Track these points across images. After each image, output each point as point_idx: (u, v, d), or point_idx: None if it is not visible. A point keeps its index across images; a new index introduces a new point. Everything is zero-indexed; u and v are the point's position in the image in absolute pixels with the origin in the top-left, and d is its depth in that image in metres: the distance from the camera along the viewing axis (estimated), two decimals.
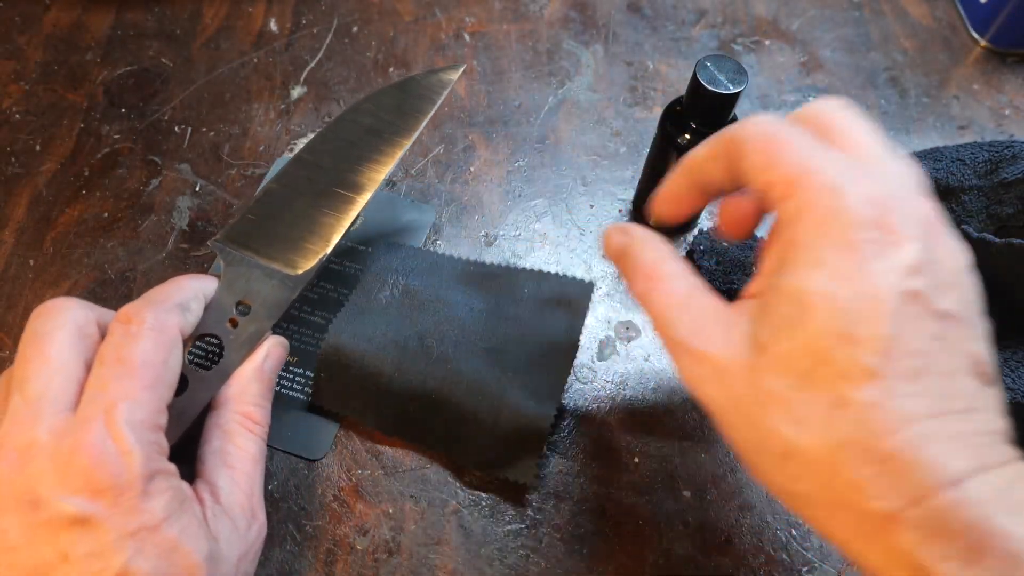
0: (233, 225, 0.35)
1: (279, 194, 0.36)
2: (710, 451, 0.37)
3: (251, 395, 0.31)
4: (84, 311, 0.28)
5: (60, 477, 0.24)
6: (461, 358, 0.35)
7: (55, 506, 0.24)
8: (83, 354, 0.27)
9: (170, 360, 0.28)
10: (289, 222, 0.35)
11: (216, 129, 0.46)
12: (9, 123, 0.46)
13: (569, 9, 0.53)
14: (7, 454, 0.25)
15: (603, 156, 0.46)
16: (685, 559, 0.34)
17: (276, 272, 0.33)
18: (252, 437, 0.31)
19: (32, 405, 0.25)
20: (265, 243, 0.34)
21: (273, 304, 0.33)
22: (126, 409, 0.25)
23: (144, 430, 0.26)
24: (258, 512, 0.30)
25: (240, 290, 0.33)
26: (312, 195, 0.36)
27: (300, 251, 0.34)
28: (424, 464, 0.36)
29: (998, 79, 0.50)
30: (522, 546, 0.34)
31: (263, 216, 0.35)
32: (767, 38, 0.52)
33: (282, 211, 0.35)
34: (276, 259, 0.34)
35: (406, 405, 0.35)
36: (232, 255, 0.34)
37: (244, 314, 0.33)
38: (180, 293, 0.31)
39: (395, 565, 0.34)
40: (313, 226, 0.35)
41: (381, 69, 0.49)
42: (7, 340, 0.39)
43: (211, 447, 0.30)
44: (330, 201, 0.36)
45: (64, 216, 0.43)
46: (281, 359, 0.33)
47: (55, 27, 0.50)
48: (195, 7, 0.51)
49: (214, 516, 0.28)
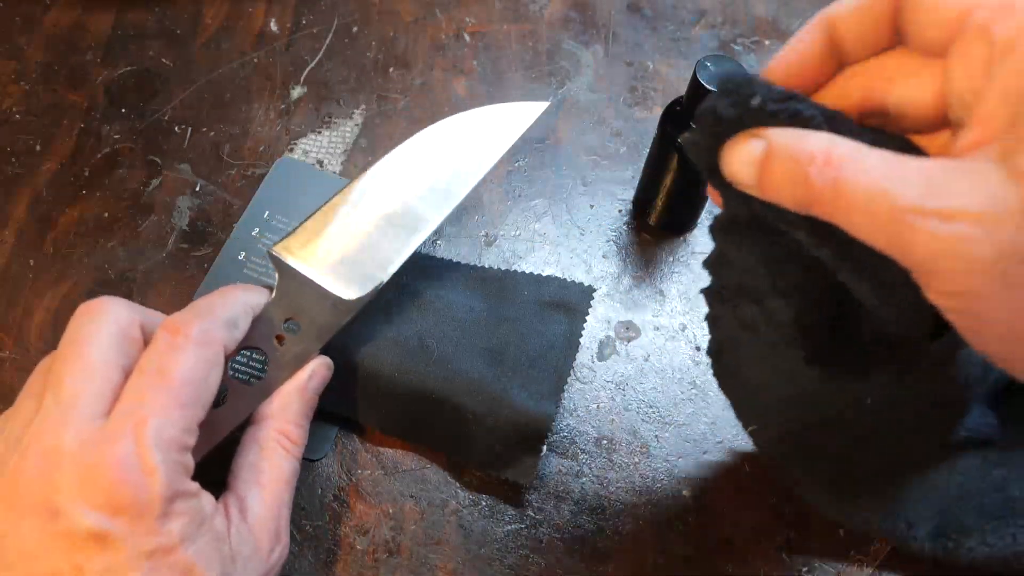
0: (292, 235, 0.33)
1: (344, 212, 0.34)
2: (710, 451, 0.37)
3: (292, 413, 0.31)
4: (128, 312, 0.28)
5: (82, 489, 0.24)
6: (461, 358, 0.35)
7: (74, 519, 0.23)
8: (122, 358, 0.27)
9: (210, 378, 0.27)
10: (350, 243, 0.33)
11: (216, 129, 0.46)
12: (9, 123, 0.46)
13: (569, 9, 0.53)
14: (33, 456, 0.24)
15: (603, 156, 0.46)
16: (685, 559, 0.34)
17: (330, 294, 0.32)
18: (287, 456, 0.30)
19: (64, 408, 0.25)
20: (323, 261, 0.33)
21: (323, 326, 0.32)
22: (157, 426, 0.25)
23: (171, 450, 0.25)
24: (283, 534, 0.29)
25: (291, 306, 0.32)
26: (377, 219, 0.34)
27: (358, 276, 0.33)
28: (424, 464, 0.36)
29: None
30: (522, 546, 0.34)
31: (324, 231, 0.34)
32: (767, 38, 0.52)
33: (345, 230, 0.34)
34: (333, 280, 0.32)
35: (406, 405, 0.35)
36: (288, 269, 0.32)
37: (292, 332, 0.32)
38: (230, 307, 0.30)
39: (395, 565, 0.34)
40: (374, 252, 0.34)
41: (381, 69, 0.49)
42: (7, 340, 0.39)
43: (246, 460, 0.30)
44: (394, 229, 0.34)
45: (64, 216, 0.43)
46: (325, 380, 0.33)
47: (55, 27, 0.50)
48: (195, 7, 0.51)
49: (238, 533, 0.27)
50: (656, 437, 0.37)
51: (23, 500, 0.24)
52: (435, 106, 0.48)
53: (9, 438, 0.26)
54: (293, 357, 0.32)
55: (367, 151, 0.46)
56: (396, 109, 0.48)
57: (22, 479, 0.24)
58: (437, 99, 0.48)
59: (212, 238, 0.42)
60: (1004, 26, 0.19)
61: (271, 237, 0.41)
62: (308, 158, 0.45)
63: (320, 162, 0.45)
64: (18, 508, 0.24)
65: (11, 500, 0.24)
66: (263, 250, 0.41)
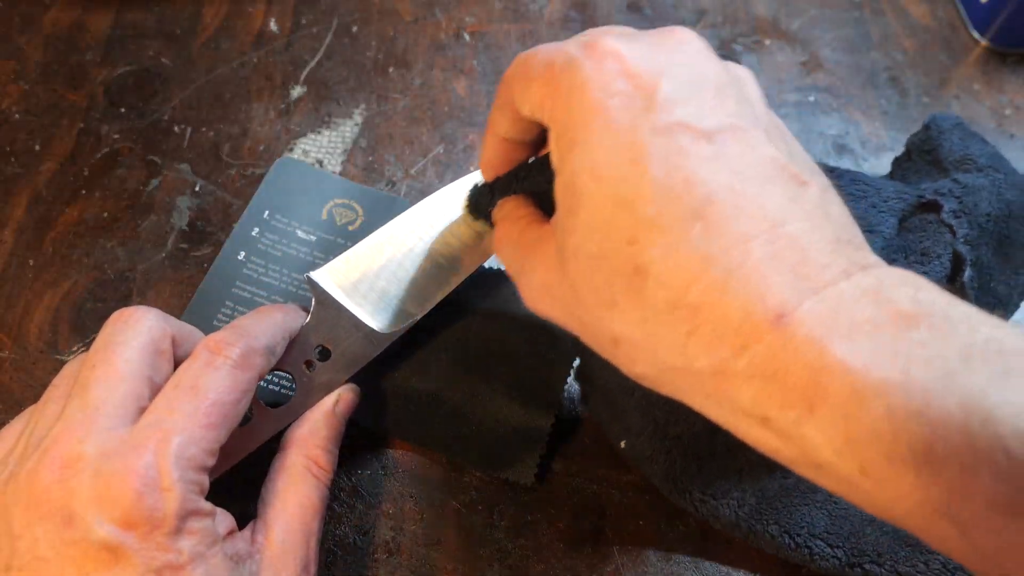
0: (333, 263, 0.34)
1: (386, 246, 0.34)
2: None
3: (320, 439, 0.31)
4: (161, 324, 0.28)
5: (99, 498, 0.24)
6: (461, 358, 0.35)
7: (88, 528, 0.23)
8: (151, 369, 0.27)
9: (242, 402, 0.27)
10: (390, 277, 0.34)
11: (216, 129, 0.46)
12: (9, 123, 0.46)
13: (569, 9, 0.53)
14: (52, 461, 0.24)
15: None
16: (685, 559, 0.34)
17: (364, 326, 0.32)
18: (316, 484, 0.30)
19: (87, 414, 0.25)
20: (361, 292, 0.33)
21: (353, 357, 0.32)
22: (181, 443, 0.25)
23: (191, 469, 0.25)
24: (311, 566, 0.28)
25: (324, 334, 0.32)
26: (418, 256, 0.34)
27: (394, 310, 0.33)
28: (424, 464, 0.36)
29: (998, 79, 0.50)
30: (522, 546, 0.34)
31: (365, 263, 0.34)
32: (767, 38, 0.52)
33: (386, 264, 0.34)
34: (369, 312, 0.33)
35: (406, 405, 0.35)
36: (325, 295, 0.32)
37: (323, 359, 0.32)
38: (272, 332, 0.30)
39: (395, 565, 0.34)
40: (412, 288, 0.34)
41: (381, 69, 0.49)
42: (6, 340, 0.39)
43: (274, 487, 0.29)
44: (435, 268, 0.34)
45: (64, 216, 0.43)
46: (353, 405, 0.33)
47: (55, 27, 0.50)
48: (195, 7, 0.51)
49: (260, 560, 0.27)
50: None
51: (39, 503, 0.24)
52: (435, 106, 0.48)
53: (31, 439, 0.26)
54: (321, 384, 0.32)
55: (367, 151, 0.46)
56: (396, 109, 0.48)
57: (40, 482, 0.24)
58: (437, 99, 0.48)
59: (212, 238, 0.42)
60: (549, 116, 0.23)
61: (271, 237, 0.41)
62: (308, 158, 0.45)
63: (320, 162, 0.45)
64: (34, 511, 0.24)
65: (27, 502, 0.24)
66: (263, 250, 0.41)
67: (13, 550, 0.24)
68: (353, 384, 0.33)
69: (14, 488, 0.25)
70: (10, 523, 0.24)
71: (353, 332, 0.32)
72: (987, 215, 0.32)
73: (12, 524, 0.24)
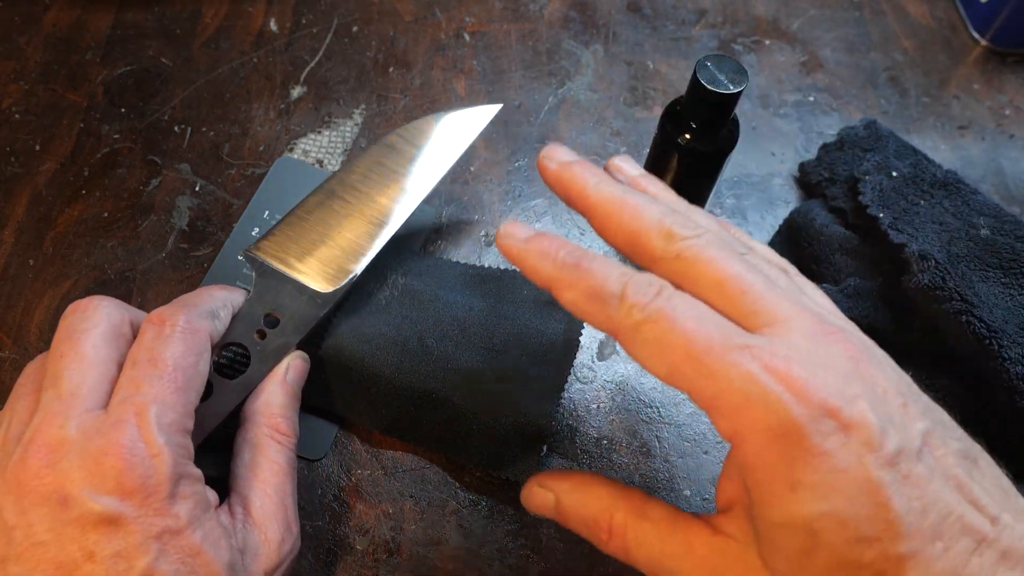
0: (266, 237, 0.35)
1: (315, 211, 0.36)
2: (710, 451, 0.37)
3: (277, 406, 0.32)
4: (119, 310, 0.29)
5: (90, 476, 0.24)
6: (461, 358, 0.35)
7: (85, 504, 0.24)
8: (116, 352, 0.28)
9: (200, 364, 0.28)
10: (322, 240, 0.36)
11: (216, 129, 0.46)
12: (9, 123, 0.46)
13: (569, 9, 0.53)
14: (38, 449, 0.25)
15: (603, 156, 0.46)
16: None
17: (307, 288, 0.34)
18: (281, 449, 0.31)
19: (65, 401, 0.26)
20: (298, 258, 0.35)
21: (301, 320, 0.34)
22: (157, 410, 0.26)
23: (173, 432, 0.26)
24: (292, 525, 0.30)
25: (270, 303, 0.34)
26: (346, 217, 0.36)
27: (332, 270, 0.35)
28: (424, 464, 0.36)
29: (998, 79, 0.50)
30: (522, 546, 0.34)
31: (297, 231, 0.36)
32: (767, 38, 0.52)
33: (316, 228, 0.36)
34: (308, 275, 0.34)
35: (406, 405, 0.35)
36: (264, 267, 0.34)
37: (272, 327, 0.33)
38: (210, 301, 0.31)
39: (395, 565, 0.34)
40: (346, 246, 0.36)
41: (381, 69, 0.49)
42: (7, 340, 0.39)
43: (242, 460, 0.30)
44: (363, 225, 0.36)
45: (64, 216, 0.43)
46: (303, 372, 0.34)
47: (55, 27, 0.50)
48: (195, 7, 0.51)
49: (244, 528, 0.28)
50: (656, 437, 0.37)
51: (31, 492, 0.24)
52: (435, 106, 0.48)
53: (9, 436, 0.26)
54: (274, 350, 0.33)
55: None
56: (396, 109, 0.48)
57: (28, 472, 0.24)
58: (437, 99, 0.48)
59: (212, 238, 0.42)
60: (719, 424, 0.22)
61: None
62: (308, 158, 0.45)
63: (320, 162, 0.45)
64: (26, 500, 0.24)
65: (18, 493, 0.24)
66: None
67: (9, 540, 0.24)
68: (302, 352, 0.34)
69: (2, 482, 0.25)
70: (3, 516, 0.24)
71: (297, 297, 0.34)
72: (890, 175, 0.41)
73: (5, 516, 0.24)
